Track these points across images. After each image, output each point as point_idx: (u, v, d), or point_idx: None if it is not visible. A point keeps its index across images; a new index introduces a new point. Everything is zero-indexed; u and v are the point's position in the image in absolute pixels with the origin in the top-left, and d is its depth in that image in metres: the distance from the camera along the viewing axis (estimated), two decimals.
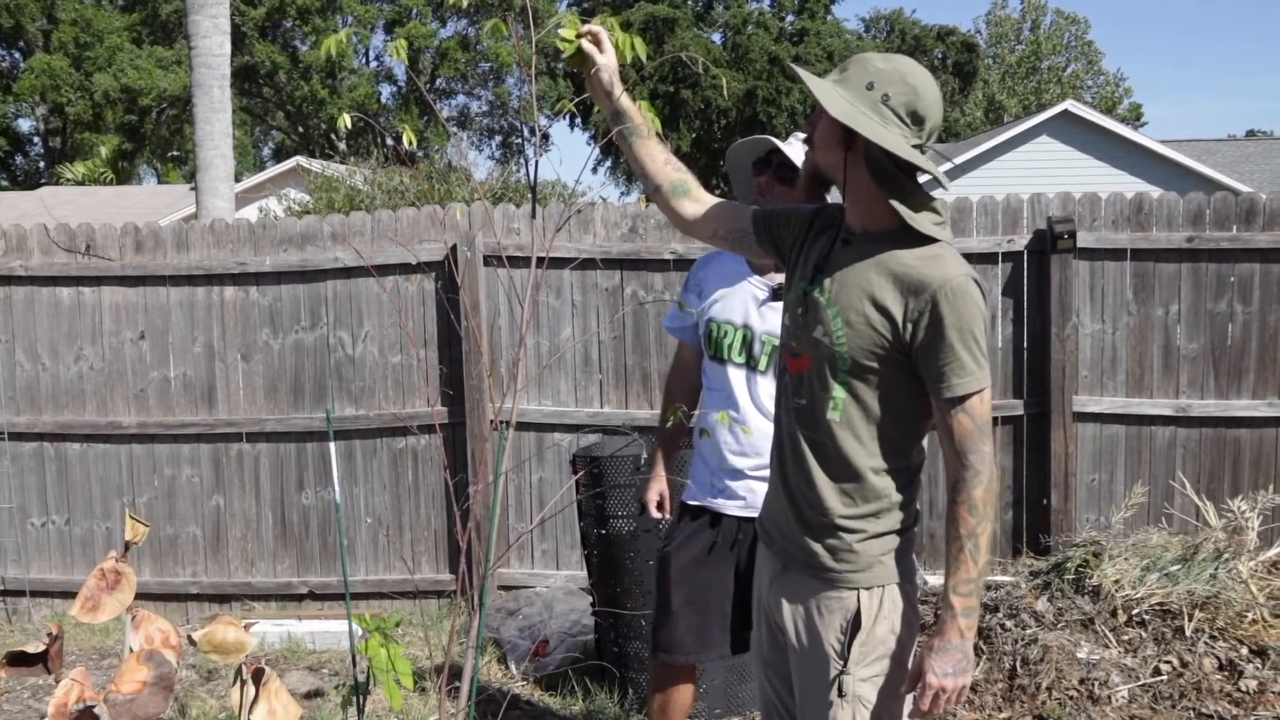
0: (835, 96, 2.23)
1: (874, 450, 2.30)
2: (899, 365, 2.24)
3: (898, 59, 2.28)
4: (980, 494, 2.20)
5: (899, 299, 2.21)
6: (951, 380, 2.19)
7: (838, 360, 2.28)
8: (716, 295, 3.44)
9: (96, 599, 2.78)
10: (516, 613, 5.38)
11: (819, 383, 2.32)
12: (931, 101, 2.24)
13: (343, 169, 16.70)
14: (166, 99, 32.23)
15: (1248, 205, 5.67)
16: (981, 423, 2.20)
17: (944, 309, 2.17)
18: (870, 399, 2.28)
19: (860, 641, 2.29)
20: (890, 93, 2.21)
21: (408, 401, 6.01)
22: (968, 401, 2.19)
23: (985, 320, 2.22)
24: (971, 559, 2.21)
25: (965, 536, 2.21)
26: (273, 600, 6.18)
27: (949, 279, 2.18)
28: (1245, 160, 25.32)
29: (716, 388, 3.44)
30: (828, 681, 2.31)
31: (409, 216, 5.99)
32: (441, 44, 34.88)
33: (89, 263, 6.07)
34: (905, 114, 2.22)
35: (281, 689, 2.84)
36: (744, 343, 3.37)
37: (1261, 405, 5.68)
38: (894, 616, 2.32)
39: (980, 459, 2.20)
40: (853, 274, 2.27)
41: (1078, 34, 47.33)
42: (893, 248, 2.24)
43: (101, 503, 6.19)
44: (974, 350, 2.18)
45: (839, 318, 2.27)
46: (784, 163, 3.33)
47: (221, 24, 9.52)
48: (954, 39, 35.92)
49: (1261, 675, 4.28)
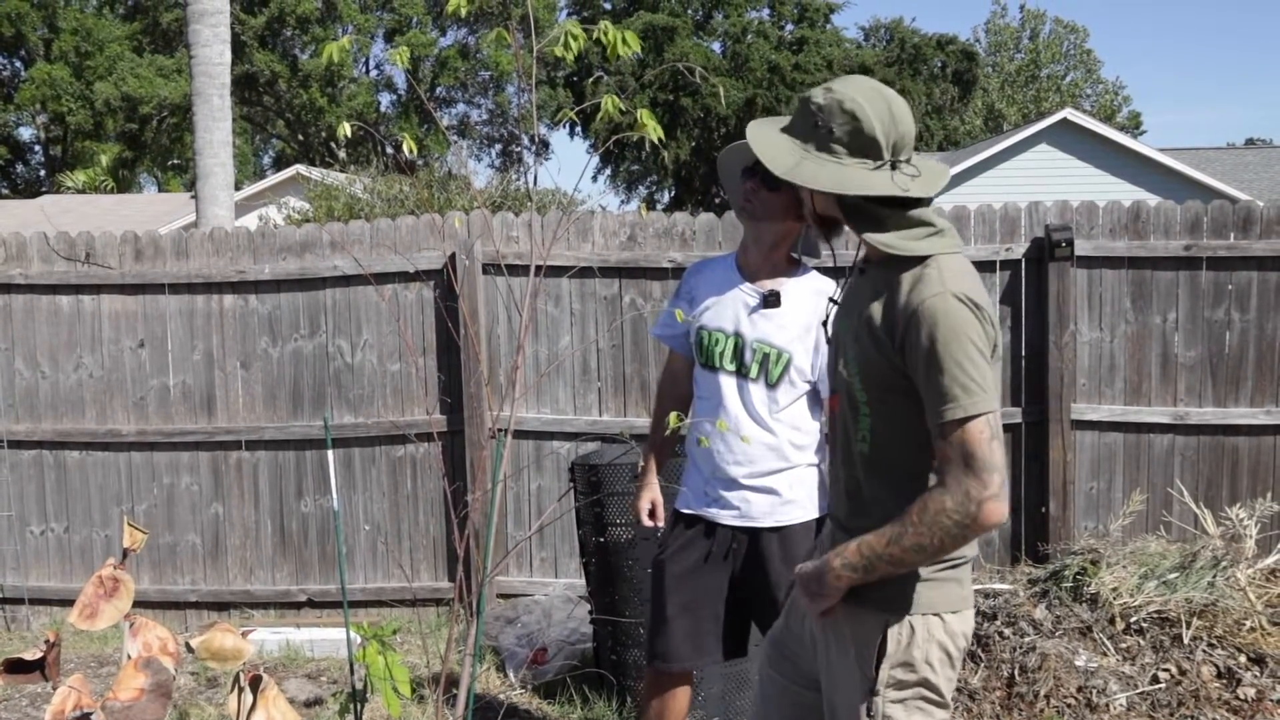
0: (780, 153, 2.21)
1: (902, 480, 2.20)
2: (910, 391, 2.15)
3: (839, 87, 2.22)
4: (934, 507, 2.06)
5: (887, 324, 2.16)
6: (934, 407, 2.08)
7: (856, 393, 2.25)
8: (708, 303, 3.43)
9: (94, 606, 2.78)
10: (515, 621, 5.38)
11: (848, 417, 2.29)
12: (879, 119, 2.17)
13: (343, 177, 16.72)
14: (167, 107, 32.29)
15: (1245, 213, 5.68)
16: (961, 452, 2.04)
17: (920, 332, 2.08)
18: (894, 429, 2.21)
19: (887, 668, 2.23)
20: (833, 128, 2.18)
21: (407, 410, 6.02)
22: (949, 431, 2.05)
23: (976, 340, 2.07)
24: (889, 539, 2.12)
25: (901, 522, 2.10)
26: (272, 608, 6.18)
27: (923, 300, 2.09)
28: (1244, 169, 25.34)
29: (707, 396, 3.44)
30: (856, 704, 2.26)
31: (408, 225, 6.00)
32: (441, 53, 34.95)
33: (89, 271, 6.09)
34: (852, 144, 2.18)
35: (279, 696, 2.84)
36: (735, 350, 3.37)
37: (1259, 413, 5.68)
38: (928, 648, 2.22)
39: (956, 484, 2.04)
40: (860, 305, 2.25)
41: (1077, 42, 47.39)
42: (895, 272, 2.18)
43: (100, 511, 6.19)
44: (955, 374, 2.04)
45: (851, 350, 2.26)
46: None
47: (221, 33, 9.54)
48: (953, 47, 35.96)
49: (1260, 683, 4.28)
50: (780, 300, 3.34)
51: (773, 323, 3.34)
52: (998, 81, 45.38)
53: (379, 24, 35.82)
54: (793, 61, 34.24)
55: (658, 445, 3.67)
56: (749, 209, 3.33)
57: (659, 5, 35.36)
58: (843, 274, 2.36)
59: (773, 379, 3.34)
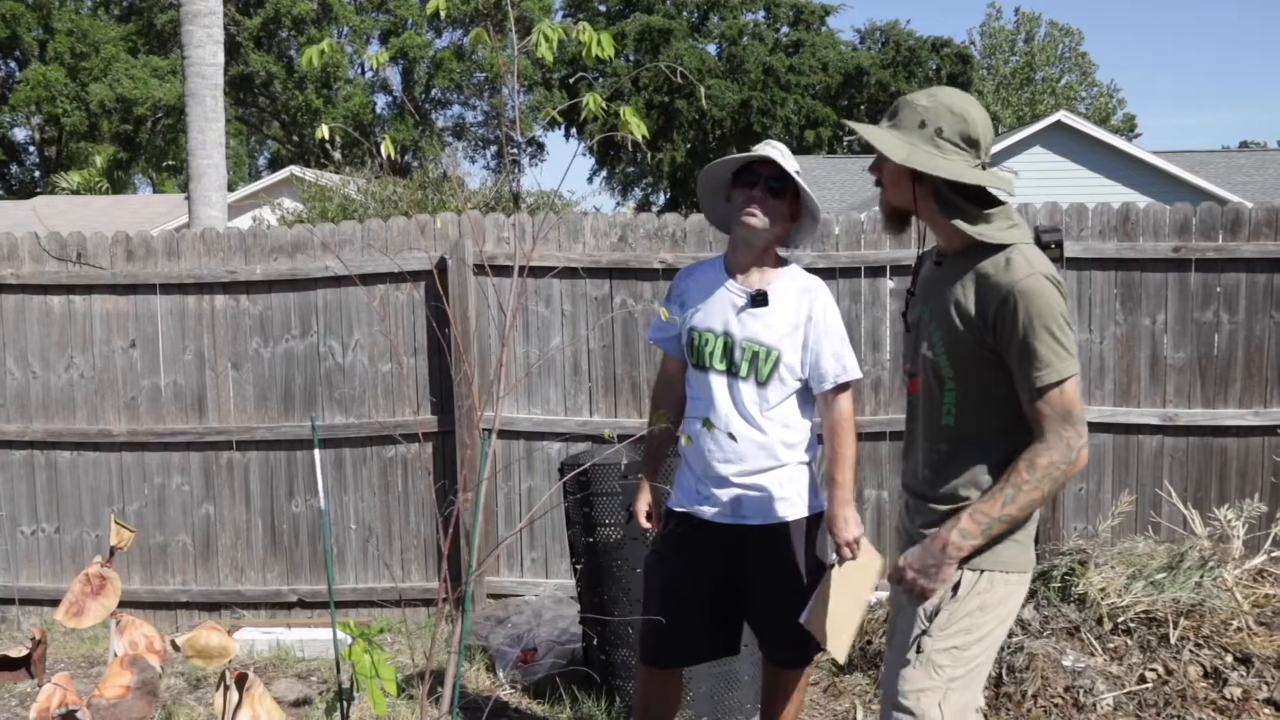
0: (895, 144, 2.45)
1: (988, 448, 2.48)
2: (996, 364, 2.43)
3: (939, 93, 2.52)
4: (1044, 462, 2.35)
5: (981, 305, 2.42)
6: (1030, 374, 2.36)
7: (942, 368, 2.50)
8: (697, 304, 3.47)
9: (81, 604, 2.79)
10: (505, 621, 5.38)
11: (933, 394, 2.54)
12: (981, 124, 2.47)
13: (336, 179, 16.72)
14: (162, 108, 32.27)
15: (1233, 215, 5.70)
16: (1060, 410, 2.36)
17: (1018, 309, 2.35)
18: (978, 401, 2.48)
19: (950, 609, 2.46)
20: (943, 126, 2.45)
21: (398, 410, 6.02)
22: (1047, 393, 2.36)
23: (1063, 313, 2.37)
24: (1003, 501, 2.39)
25: (1010, 484, 2.38)
26: (262, 609, 6.18)
27: (1018, 281, 2.36)
28: (1238, 171, 25.37)
29: (699, 396, 3.46)
30: (909, 639, 2.50)
31: (399, 226, 6.01)
32: (437, 54, 34.95)
33: (80, 271, 6.09)
34: (961, 141, 2.45)
35: (265, 694, 2.85)
36: (725, 350, 3.40)
37: (1248, 414, 5.70)
38: (988, 597, 2.47)
39: (1057, 438, 2.35)
40: (945, 290, 2.51)
41: (1072, 45, 47.45)
42: (975, 261, 2.45)
43: (91, 511, 6.19)
44: (1049, 343, 2.34)
45: (938, 331, 2.51)
46: (774, 174, 3.34)
47: (215, 34, 9.53)
48: (949, 50, 36.02)
49: (1246, 683, 4.29)
50: (768, 299, 3.36)
51: (761, 321, 3.37)
52: (993, 84, 45.41)
53: (375, 25, 35.83)
54: (788, 64, 34.29)
55: (654, 447, 3.69)
56: (751, 218, 3.32)
57: (654, 7, 35.41)
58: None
59: (762, 377, 3.36)
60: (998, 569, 2.48)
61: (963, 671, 2.47)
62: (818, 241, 5.74)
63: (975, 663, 2.49)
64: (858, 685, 4.82)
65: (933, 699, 2.45)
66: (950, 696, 2.46)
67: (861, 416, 5.84)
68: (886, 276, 5.80)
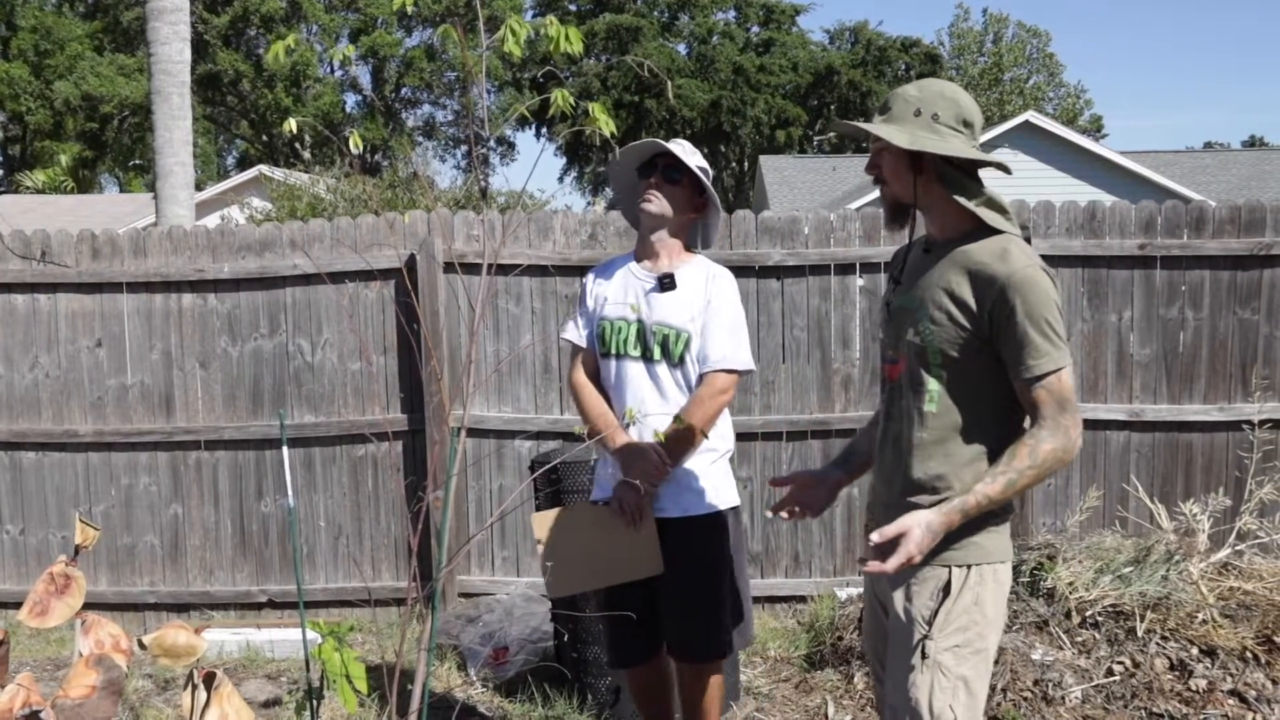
0: (897, 132, 2.50)
1: (970, 437, 2.50)
2: (984, 353, 2.46)
3: (927, 82, 2.59)
4: (1046, 449, 2.39)
5: (975, 293, 2.44)
6: (1027, 362, 2.40)
7: (929, 355, 2.51)
8: (608, 296, 3.51)
9: (45, 604, 2.75)
10: (476, 619, 5.37)
11: (914, 380, 2.56)
12: (971, 106, 2.57)
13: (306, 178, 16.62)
14: (128, 107, 31.99)
15: (1197, 213, 5.76)
16: (1059, 398, 2.40)
17: (1014, 299, 2.39)
18: (962, 389, 2.50)
19: (946, 610, 2.47)
20: (939, 111, 2.53)
21: (367, 408, 5.99)
22: (1044, 380, 2.40)
23: (1058, 304, 2.42)
24: (1003, 485, 2.41)
25: (1012, 469, 2.40)
26: (232, 609, 6.14)
27: (1015, 271, 2.40)
28: (1202, 171, 25.65)
29: (616, 385, 3.48)
30: (911, 647, 2.50)
31: (369, 224, 5.98)
32: (407, 53, 34.82)
33: (45, 270, 6.02)
34: (958, 123, 2.53)
35: (234, 694, 2.82)
36: (638, 335, 3.43)
37: (1212, 410, 5.76)
38: (981, 590, 2.50)
39: (1056, 425, 2.39)
40: (934, 276, 2.53)
41: (1040, 46, 47.77)
42: (968, 249, 2.49)
43: (58, 512, 6.12)
44: (1046, 333, 2.38)
45: (926, 316, 2.51)
46: (670, 164, 3.42)
47: (181, 30, 9.47)
48: (917, 50, 36.24)
49: (1211, 674, 4.34)
50: (675, 282, 3.41)
51: (669, 304, 3.40)
52: (961, 85, 45.67)
53: (344, 24, 35.64)
54: (758, 63, 34.36)
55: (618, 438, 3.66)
56: (650, 207, 3.39)
57: (624, 6, 35.38)
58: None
59: (675, 358, 3.40)
60: (984, 561, 2.51)
61: (970, 667, 2.49)
62: (788, 239, 5.76)
63: (980, 656, 2.51)
64: (829, 681, 4.84)
65: (944, 700, 2.47)
66: (959, 694, 2.48)
67: (831, 414, 5.86)
68: (856, 274, 5.82)
